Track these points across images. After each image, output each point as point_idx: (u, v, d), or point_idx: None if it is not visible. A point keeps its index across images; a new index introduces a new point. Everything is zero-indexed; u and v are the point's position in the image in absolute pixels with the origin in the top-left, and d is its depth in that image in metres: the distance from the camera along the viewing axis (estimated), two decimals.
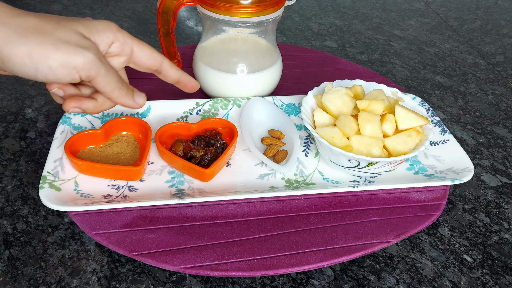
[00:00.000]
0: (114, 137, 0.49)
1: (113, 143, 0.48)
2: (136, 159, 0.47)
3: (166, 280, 0.38)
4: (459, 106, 0.65)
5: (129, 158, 0.47)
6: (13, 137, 0.52)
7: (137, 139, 0.49)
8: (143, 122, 0.48)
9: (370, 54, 0.78)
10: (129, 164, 0.46)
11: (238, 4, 0.49)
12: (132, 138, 0.49)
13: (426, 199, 0.45)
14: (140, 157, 0.47)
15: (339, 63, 0.70)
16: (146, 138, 0.48)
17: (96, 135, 0.47)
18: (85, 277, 0.37)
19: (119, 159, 0.46)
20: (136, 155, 0.47)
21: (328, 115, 0.48)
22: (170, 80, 0.45)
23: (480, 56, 0.80)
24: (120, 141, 0.48)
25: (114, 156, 0.46)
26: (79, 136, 0.46)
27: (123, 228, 0.40)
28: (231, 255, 0.38)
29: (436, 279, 0.39)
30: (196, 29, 0.83)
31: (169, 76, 0.45)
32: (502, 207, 0.48)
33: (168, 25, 0.54)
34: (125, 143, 0.48)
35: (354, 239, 0.40)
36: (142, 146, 0.48)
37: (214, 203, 0.43)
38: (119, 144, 0.48)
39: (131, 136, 0.49)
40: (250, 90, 0.56)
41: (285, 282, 0.38)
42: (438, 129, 0.53)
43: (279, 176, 0.47)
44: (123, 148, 0.48)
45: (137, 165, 0.44)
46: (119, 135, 0.49)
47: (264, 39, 0.56)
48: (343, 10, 0.96)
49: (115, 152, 0.47)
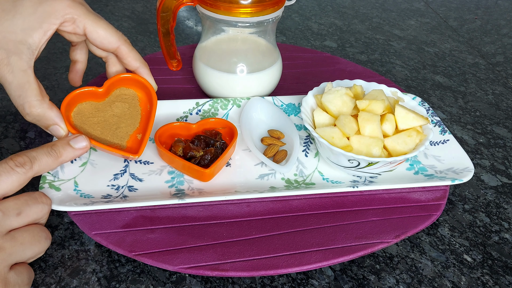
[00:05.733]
0: (115, 92, 0.45)
1: (114, 100, 0.45)
2: (136, 128, 0.44)
3: (166, 280, 0.38)
4: (459, 106, 0.65)
5: (128, 126, 0.44)
6: (12, 137, 0.52)
7: (140, 99, 0.46)
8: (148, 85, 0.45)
9: (370, 54, 0.78)
10: (127, 134, 0.44)
11: (238, 4, 0.49)
12: (135, 97, 0.46)
13: (426, 199, 0.45)
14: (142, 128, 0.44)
15: (339, 63, 0.70)
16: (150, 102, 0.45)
17: (97, 93, 0.44)
18: (84, 277, 0.37)
19: (117, 127, 0.44)
20: (136, 122, 0.45)
21: (328, 115, 0.48)
22: (129, 68, 0.44)
23: (480, 56, 0.80)
24: (121, 100, 0.45)
25: (113, 122, 0.44)
26: (78, 94, 0.43)
27: (122, 228, 0.40)
28: (231, 255, 0.38)
29: (436, 279, 0.39)
30: (196, 29, 0.83)
31: (127, 63, 0.43)
32: (502, 207, 0.48)
33: (167, 25, 0.53)
34: (127, 103, 0.45)
35: (354, 239, 0.40)
36: (144, 109, 0.46)
37: (213, 203, 0.43)
38: (119, 104, 0.45)
39: (134, 93, 0.46)
40: (250, 90, 0.56)
41: (285, 282, 0.38)
42: (438, 129, 0.53)
43: (279, 176, 0.47)
44: (123, 110, 0.45)
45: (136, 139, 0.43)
46: (121, 90, 0.46)
47: (264, 39, 0.56)
48: (343, 10, 0.96)
49: (114, 114, 0.44)
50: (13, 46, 0.36)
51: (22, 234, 0.32)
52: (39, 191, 0.36)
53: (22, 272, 0.32)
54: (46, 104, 0.38)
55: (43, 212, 0.35)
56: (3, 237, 0.31)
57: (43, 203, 0.35)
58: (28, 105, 0.37)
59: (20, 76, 0.37)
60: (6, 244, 0.31)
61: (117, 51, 0.42)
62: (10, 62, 0.36)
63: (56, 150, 0.37)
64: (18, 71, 0.37)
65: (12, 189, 0.33)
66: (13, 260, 0.31)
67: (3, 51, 0.36)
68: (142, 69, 0.44)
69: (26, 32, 0.37)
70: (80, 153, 0.39)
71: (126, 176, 0.46)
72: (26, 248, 0.32)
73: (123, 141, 0.44)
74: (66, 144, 0.38)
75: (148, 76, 0.45)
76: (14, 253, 0.31)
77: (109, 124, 0.44)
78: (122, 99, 0.45)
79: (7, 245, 0.31)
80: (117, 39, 0.41)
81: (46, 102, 0.38)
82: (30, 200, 0.34)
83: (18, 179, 0.34)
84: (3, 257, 0.30)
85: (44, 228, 0.35)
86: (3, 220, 0.31)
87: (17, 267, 0.32)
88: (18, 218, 0.33)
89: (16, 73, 0.37)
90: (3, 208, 0.32)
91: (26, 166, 0.34)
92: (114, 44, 0.41)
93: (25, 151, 0.35)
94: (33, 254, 0.33)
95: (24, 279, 0.32)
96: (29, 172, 0.34)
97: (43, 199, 0.35)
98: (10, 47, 0.36)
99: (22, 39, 0.37)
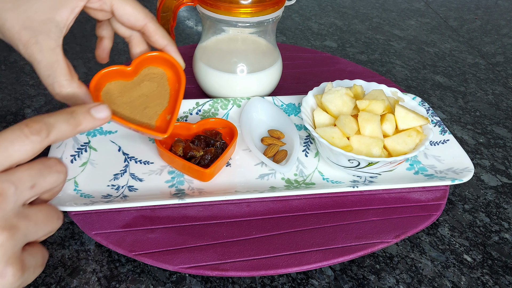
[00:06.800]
0: (144, 71, 0.44)
1: (142, 80, 0.44)
2: (165, 107, 0.43)
3: (166, 280, 0.38)
4: (459, 106, 0.65)
5: (157, 105, 0.43)
6: None
7: (168, 78, 0.45)
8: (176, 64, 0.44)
9: (370, 54, 0.78)
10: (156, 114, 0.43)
11: (238, 4, 0.49)
12: (163, 76, 0.44)
13: (426, 199, 0.45)
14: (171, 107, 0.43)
15: (339, 63, 0.70)
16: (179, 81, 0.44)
17: (125, 72, 0.43)
18: (85, 277, 0.37)
19: (146, 106, 0.43)
20: (165, 102, 0.44)
21: (328, 115, 0.48)
22: (156, 47, 0.43)
23: (480, 56, 0.80)
24: (149, 79, 0.44)
25: (142, 101, 0.43)
26: (107, 73, 0.42)
27: (123, 228, 0.40)
28: (231, 255, 0.38)
29: (436, 279, 0.39)
30: (196, 29, 0.83)
31: (154, 42, 0.42)
32: (502, 207, 0.48)
33: (168, 25, 0.54)
34: (155, 82, 0.44)
35: (354, 239, 0.40)
36: (173, 88, 0.44)
37: (214, 203, 0.43)
38: (148, 84, 0.44)
39: (162, 72, 0.45)
40: (250, 90, 0.56)
41: (285, 282, 0.38)
42: (438, 129, 0.53)
43: (279, 176, 0.47)
44: (152, 89, 0.44)
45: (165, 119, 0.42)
46: (150, 69, 0.44)
47: (264, 39, 0.56)
48: (343, 10, 0.96)
49: (143, 94, 0.43)
50: (39, 25, 0.36)
51: (36, 213, 0.30)
52: (53, 158, 0.32)
53: (36, 253, 0.30)
54: (76, 84, 0.37)
55: (58, 182, 0.32)
56: (17, 215, 0.28)
57: (58, 172, 0.31)
58: (58, 85, 0.36)
59: (49, 55, 0.36)
60: (20, 223, 0.28)
61: (144, 29, 0.41)
62: (39, 41, 0.35)
63: (76, 117, 0.34)
64: (46, 50, 0.36)
65: (25, 159, 0.30)
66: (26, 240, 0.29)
67: (31, 30, 0.35)
68: (170, 47, 0.42)
69: (53, 10, 0.36)
70: (100, 123, 0.35)
71: (126, 176, 0.46)
72: (39, 227, 0.30)
73: (152, 121, 0.43)
74: (86, 112, 0.34)
75: (176, 54, 0.43)
76: (29, 233, 0.29)
77: (138, 104, 0.43)
78: (151, 78, 0.44)
79: (22, 225, 0.28)
80: (145, 16, 0.40)
81: (75, 82, 0.37)
82: (44, 169, 0.30)
83: (32, 148, 0.30)
84: (17, 238, 0.28)
85: (56, 208, 0.32)
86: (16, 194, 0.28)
87: (30, 248, 0.30)
88: (32, 191, 0.29)
89: (45, 52, 0.36)
90: (16, 180, 0.29)
91: (42, 134, 0.31)
92: (142, 21, 0.40)
93: (42, 116, 0.31)
94: (44, 234, 0.31)
95: (39, 260, 0.30)
96: (45, 141, 0.31)
97: (58, 167, 0.31)
98: (38, 25, 0.35)
99: (50, 17, 0.36)
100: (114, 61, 0.65)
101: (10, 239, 0.27)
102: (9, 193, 0.28)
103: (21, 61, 0.68)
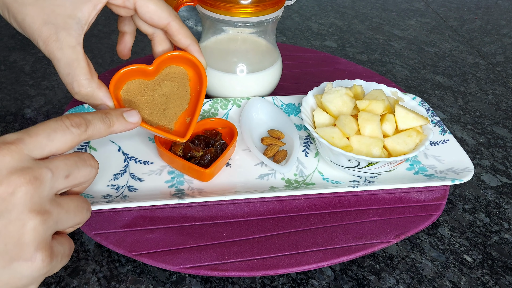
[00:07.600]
0: (165, 71, 0.44)
1: (163, 79, 0.43)
2: (185, 109, 0.43)
3: (166, 280, 0.38)
4: (459, 106, 0.65)
5: (177, 107, 0.43)
6: None
7: (190, 79, 0.44)
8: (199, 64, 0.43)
9: (370, 54, 0.78)
10: (175, 115, 0.43)
11: (238, 4, 0.49)
12: (184, 76, 0.44)
13: (426, 199, 0.45)
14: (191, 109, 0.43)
15: (339, 63, 0.70)
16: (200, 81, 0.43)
17: (146, 71, 0.42)
18: (84, 277, 0.37)
19: (166, 107, 0.42)
20: (185, 103, 0.43)
21: (328, 115, 0.48)
22: (179, 46, 0.42)
23: (480, 56, 0.80)
24: (170, 79, 0.43)
25: (162, 102, 0.42)
26: (128, 71, 0.41)
27: (122, 228, 0.40)
28: (231, 255, 0.38)
29: (436, 279, 0.39)
30: (196, 29, 0.83)
31: (177, 41, 0.41)
32: (502, 207, 0.48)
33: None
34: (176, 83, 0.43)
35: (354, 239, 0.40)
36: (194, 89, 0.44)
37: (213, 203, 0.43)
38: (169, 84, 0.43)
39: (184, 72, 0.44)
40: (250, 90, 0.56)
41: (285, 282, 0.38)
42: (438, 129, 0.53)
43: (279, 176, 0.47)
44: (172, 90, 0.43)
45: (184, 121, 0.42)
46: (171, 69, 0.44)
47: (264, 39, 0.56)
48: (343, 10, 0.96)
49: (163, 94, 0.42)
50: (62, 20, 0.35)
51: (68, 202, 0.30)
52: (88, 153, 0.33)
53: (64, 242, 0.30)
54: (95, 83, 0.37)
55: (89, 176, 0.32)
56: (51, 201, 0.28)
57: (91, 166, 0.32)
58: (77, 84, 0.36)
59: (69, 53, 0.35)
60: (53, 209, 0.28)
61: (167, 28, 0.40)
62: (59, 38, 0.35)
63: (110, 118, 0.35)
64: (67, 47, 0.35)
65: (63, 149, 0.31)
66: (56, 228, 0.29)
67: (52, 26, 0.34)
68: (193, 47, 0.42)
69: (75, 5, 0.35)
70: (131, 127, 0.37)
71: (126, 176, 0.46)
72: (70, 217, 0.30)
73: (171, 123, 0.42)
74: (119, 115, 0.36)
75: (199, 54, 0.43)
76: (60, 220, 0.29)
77: (158, 104, 0.42)
78: (172, 78, 0.44)
79: (54, 211, 0.28)
80: (168, 15, 0.39)
81: (95, 81, 0.37)
82: (79, 161, 0.31)
83: (71, 140, 0.31)
84: (49, 224, 0.28)
85: (86, 200, 0.32)
86: (52, 181, 0.28)
87: (58, 237, 0.30)
88: (66, 181, 0.30)
89: (65, 50, 0.35)
90: (53, 167, 0.29)
91: (82, 128, 0.32)
92: (165, 20, 0.39)
93: (80, 113, 0.33)
94: (73, 224, 0.31)
95: (66, 250, 0.30)
96: (83, 135, 0.32)
97: (92, 162, 0.32)
98: (59, 21, 0.35)
99: (71, 13, 0.35)
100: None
101: (43, 223, 0.27)
102: (46, 179, 0.28)
103: (21, 61, 0.68)
